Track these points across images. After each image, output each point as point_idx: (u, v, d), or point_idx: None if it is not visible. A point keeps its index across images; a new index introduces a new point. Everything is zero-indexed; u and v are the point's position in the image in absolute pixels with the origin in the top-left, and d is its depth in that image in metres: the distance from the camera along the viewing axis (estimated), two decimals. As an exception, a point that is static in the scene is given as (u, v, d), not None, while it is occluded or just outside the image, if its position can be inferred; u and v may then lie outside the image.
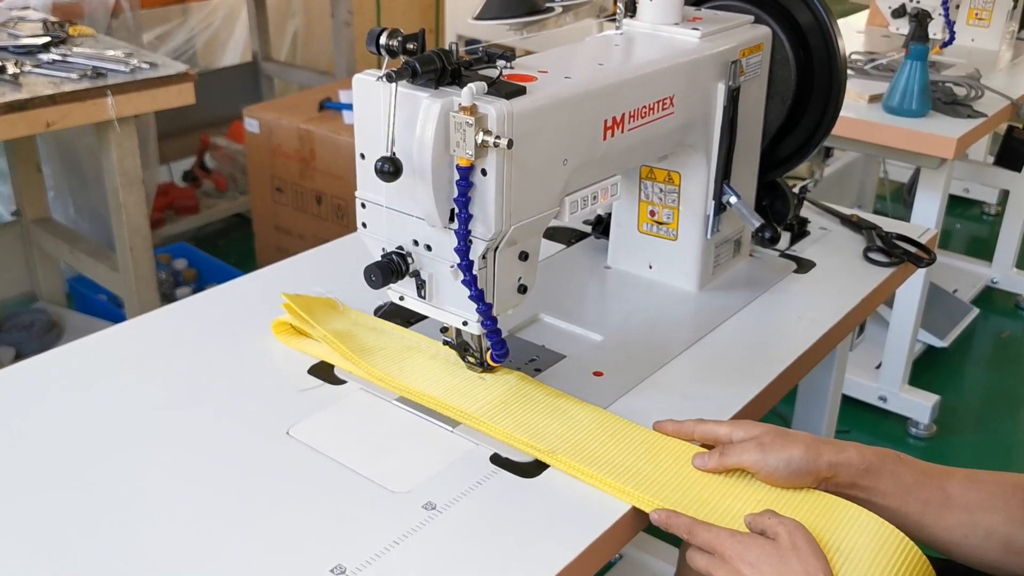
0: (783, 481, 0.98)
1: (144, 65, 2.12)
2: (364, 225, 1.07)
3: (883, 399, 2.61)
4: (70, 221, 3.04)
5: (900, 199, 3.68)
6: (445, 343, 1.15)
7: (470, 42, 1.07)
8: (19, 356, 2.59)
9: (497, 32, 1.28)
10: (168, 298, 2.85)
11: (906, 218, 2.43)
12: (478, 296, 1.00)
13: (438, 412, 1.08)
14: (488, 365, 1.11)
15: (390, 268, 1.04)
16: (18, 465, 1.00)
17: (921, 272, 2.20)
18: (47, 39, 2.20)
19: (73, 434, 1.04)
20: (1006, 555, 0.99)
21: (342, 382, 1.14)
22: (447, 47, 0.97)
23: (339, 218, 2.93)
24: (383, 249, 1.06)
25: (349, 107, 2.88)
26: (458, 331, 1.10)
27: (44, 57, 2.11)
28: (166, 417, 1.08)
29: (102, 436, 1.04)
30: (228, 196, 3.59)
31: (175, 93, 2.12)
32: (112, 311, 2.81)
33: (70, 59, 2.11)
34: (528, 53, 1.18)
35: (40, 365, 1.18)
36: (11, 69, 2.00)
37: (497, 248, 1.01)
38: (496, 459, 1.01)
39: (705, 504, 0.96)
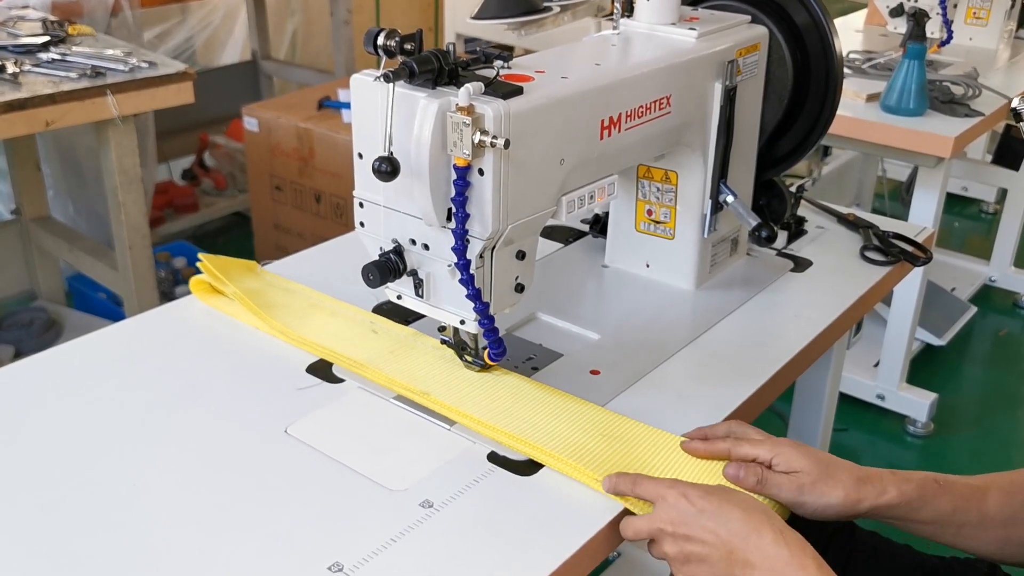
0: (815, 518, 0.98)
1: (143, 64, 2.12)
2: (362, 224, 1.08)
3: (881, 397, 2.62)
4: (69, 220, 3.04)
5: (899, 197, 3.68)
6: (443, 342, 1.15)
7: (469, 40, 1.07)
8: (18, 354, 2.60)
9: (496, 31, 1.28)
10: (167, 296, 2.86)
11: (905, 216, 2.43)
12: (475, 295, 1.01)
13: (432, 409, 1.08)
14: (486, 364, 1.12)
15: (387, 267, 1.04)
16: (17, 464, 1.00)
17: (919, 270, 2.20)
18: (46, 38, 2.21)
19: (72, 432, 1.05)
20: None
21: (340, 380, 1.15)
22: (445, 47, 0.98)
23: (338, 216, 2.93)
24: (381, 248, 1.06)
25: (348, 106, 2.88)
26: (456, 330, 1.11)
27: (43, 56, 2.12)
28: (165, 416, 1.08)
29: (101, 434, 1.05)
30: (227, 194, 3.59)
31: (174, 92, 2.12)
32: (111, 309, 2.81)
33: (69, 58, 2.12)
34: (528, 52, 1.18)
35: (39, 364, 1.19)
36: (11, 68, 2.00)
37: (494, 247, 1.01)
38: (493, 457, 1.02)
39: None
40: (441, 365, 1.14)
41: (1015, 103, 0.94)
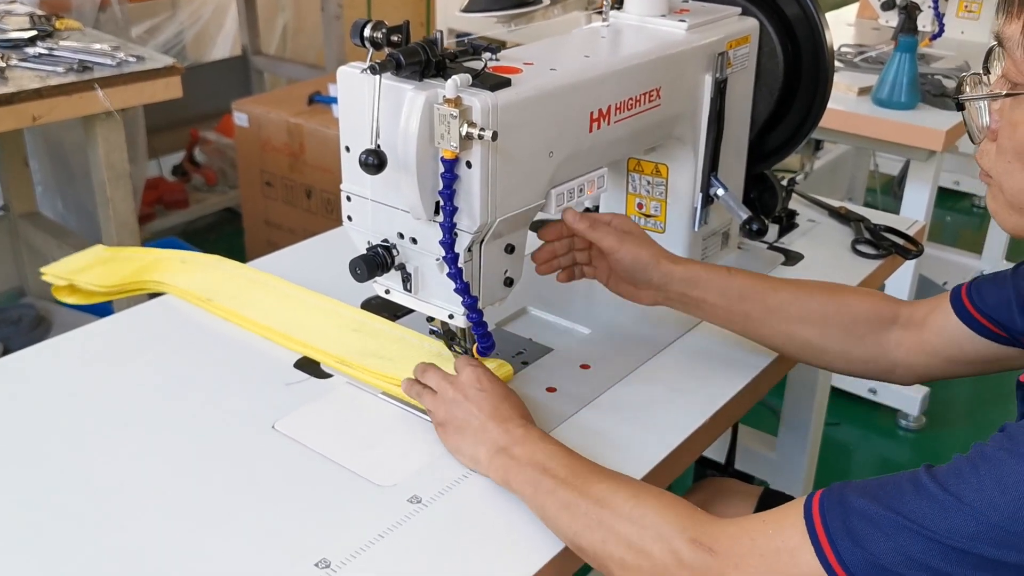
0: (623, 274, 1.14)
1: (130, 59, 2.10)
2: (349, 218, 1.07)
3: (873, 391, 2.62)
4: (58, 216, 3.02)
5: (890, 191, 3.68)
6: (431, 332, 1.14)
7: (460, 35, 1.06)
8: (7, 351, 2.58)
9: (486, 24, 1.27)
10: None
11: (897, 211, 2.43)
12: (464, 289, 1.00)
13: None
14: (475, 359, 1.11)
15: (375, 261, 1.03)
16: (5, 459, 1.00)
17: (910, 264, 2.20)
18: (34, 32, 2.19)
19: (59, 428, 1.04)
20: (821, 359, 1.14)
21: (328, 376, 1.14)
22: (433, 35, 0.97)
23: (329, 212, 2.92)
24: (368, 242, 1.05)
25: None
26: (444, 324, 1.10)
27: (30, 51, 2.10)
28: (153, 411, 1.07)
29: (88, 430, 1.04)
30: (218, 190, 3.58)
31: (162, 86, 2.11)
32: (100, 306, 2.79)
33: (56, 53, 2.10)
34: (518, 45, 1.18)
35: (27, 359, 1.18)
36: (-3, 63, 1.99)
37: (483, 241, 1.00)
38: (482, 452, 1.01)
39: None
40: (266, 290, 1.28)
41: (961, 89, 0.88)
